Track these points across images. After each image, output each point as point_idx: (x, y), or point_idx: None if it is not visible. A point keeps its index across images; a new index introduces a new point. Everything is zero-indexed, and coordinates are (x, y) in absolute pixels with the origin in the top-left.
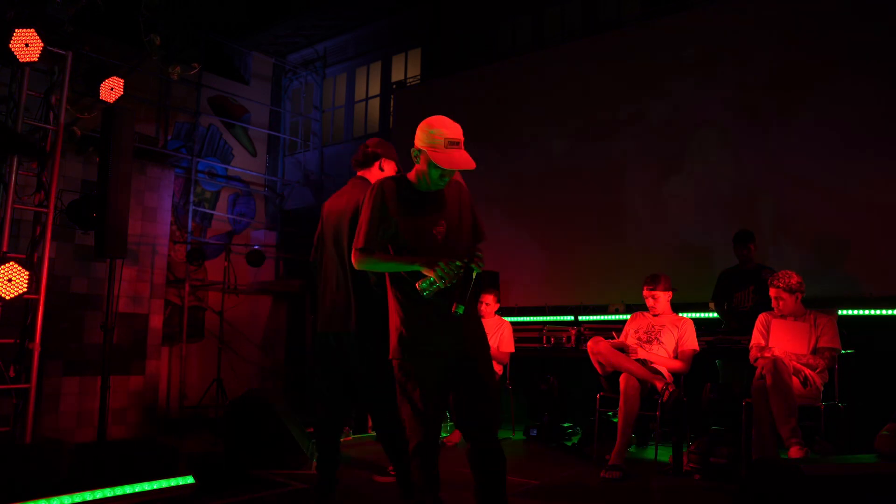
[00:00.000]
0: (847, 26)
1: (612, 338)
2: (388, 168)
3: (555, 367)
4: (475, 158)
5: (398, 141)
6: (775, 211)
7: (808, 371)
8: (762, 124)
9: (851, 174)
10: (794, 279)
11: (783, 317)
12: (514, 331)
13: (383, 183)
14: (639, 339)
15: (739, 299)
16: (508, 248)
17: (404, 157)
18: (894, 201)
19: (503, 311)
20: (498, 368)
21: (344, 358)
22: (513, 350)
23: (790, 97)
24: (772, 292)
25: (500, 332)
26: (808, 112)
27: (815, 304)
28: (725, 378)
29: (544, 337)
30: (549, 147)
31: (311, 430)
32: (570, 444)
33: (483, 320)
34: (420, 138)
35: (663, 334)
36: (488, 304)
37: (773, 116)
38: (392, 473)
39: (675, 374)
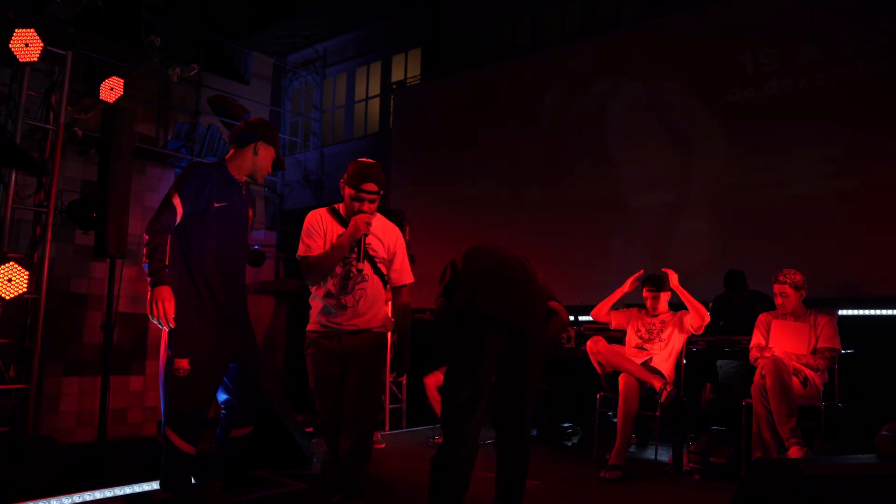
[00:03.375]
0: (849, 22)
1: (613, 338)
2: (265, 154)
3: (555, 367)
4: (475, 159)
5: (398, 141)
6: (776, 211)
7: (808, 371)
8: (762, 123)
9: (851, 174)
10: (799, 276)
11: (784, 317)
12: None
13: None
14: (640, 337)
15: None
16: (508, 248)
17: (403, 156)
18: (895, 201)
19: None
20: None
21: None
22: None
23: (790, 96)
24: (777, 289)
25: None
26: (810, 111)
27: (815, 304)
28: (725, 378)
29: None
30: (549, 147)
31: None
32: (570, 444)
33: None
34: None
35: (665, 332)
36: None
37: (774, 116)
38: None
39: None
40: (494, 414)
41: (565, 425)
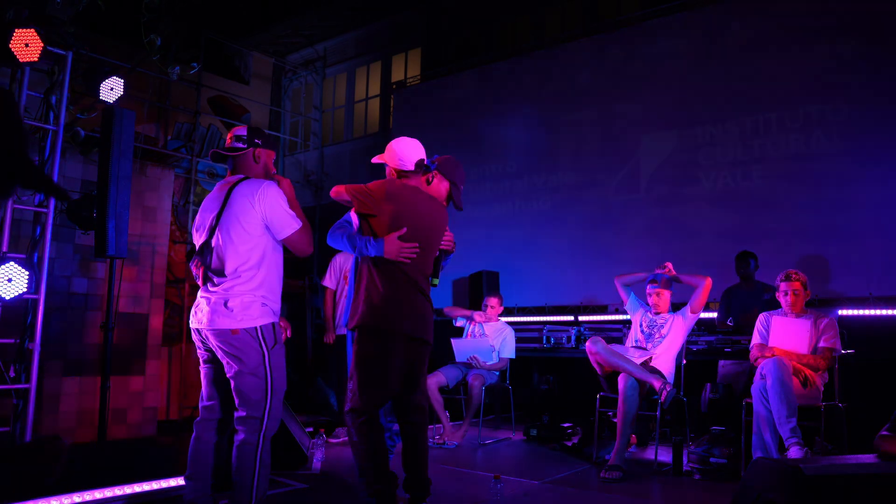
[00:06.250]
0: (857, 23)
1: (613, 338)
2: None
3: (555, 367)
4: (474, 159)
5: None
6: (776, 211)
7: (808, 371)
8: (762, 123)
9: (851, 174)
10: (804, 276)
11: (784, 316)
12: (514, 330)
13: None
14: (643, 332)
15: (746, 319)
16: (508, 248)
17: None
18: (894, 201)
19: (503, 311)
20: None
21: None
22: (513, 356)
23: (790, 95)
24: (786, 287)
25: (501, 337)
26: (810, 112)
27: (816, 304)
28: (725, 378)
29: (544, 337)
30: (549, 147)
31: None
32: (570, 444)
33: (487, 324)
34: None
35: (665, 329)
36: (493, 306)
37: (774, 115)
38: None
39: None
40: (404, 406)
41: (565, 425)
